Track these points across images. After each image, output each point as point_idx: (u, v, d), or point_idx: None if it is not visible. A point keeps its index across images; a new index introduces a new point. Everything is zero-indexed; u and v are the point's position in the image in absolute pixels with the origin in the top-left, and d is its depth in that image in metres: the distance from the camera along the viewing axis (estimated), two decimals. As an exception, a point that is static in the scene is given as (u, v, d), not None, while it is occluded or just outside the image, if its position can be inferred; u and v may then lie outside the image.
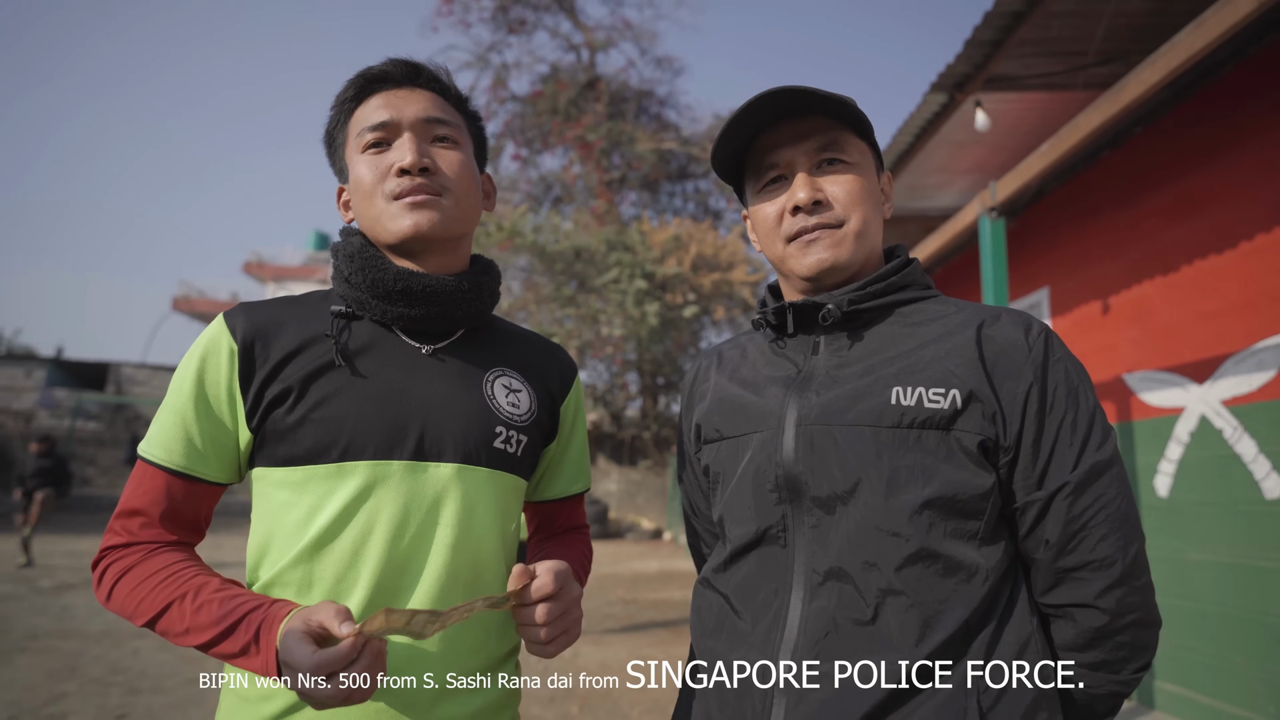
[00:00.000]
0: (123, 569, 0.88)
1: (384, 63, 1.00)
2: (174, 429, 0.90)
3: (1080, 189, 4.61)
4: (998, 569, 0.82)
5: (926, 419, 0.83)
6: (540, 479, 1.13)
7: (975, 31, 3.36)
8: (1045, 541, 0.83)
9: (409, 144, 0.95)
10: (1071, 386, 0.85)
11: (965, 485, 0.82)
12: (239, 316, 0.94)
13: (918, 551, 0.80)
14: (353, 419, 0.90)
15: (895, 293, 0.94)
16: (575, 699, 4.37)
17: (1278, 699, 3.13)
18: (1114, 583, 0.81)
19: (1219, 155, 3.59)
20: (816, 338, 0.95)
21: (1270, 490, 3.22)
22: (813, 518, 0.85)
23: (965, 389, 0.83)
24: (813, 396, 0.89)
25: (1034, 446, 0.83)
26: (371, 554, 0.88)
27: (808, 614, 0.82)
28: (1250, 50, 3.34)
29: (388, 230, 0.96)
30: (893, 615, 0.79)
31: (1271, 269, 3.27)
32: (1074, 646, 0.84)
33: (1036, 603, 0.86)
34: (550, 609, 0.85)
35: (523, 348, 1.10)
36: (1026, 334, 0.87)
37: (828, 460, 0.85)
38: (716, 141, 0.97)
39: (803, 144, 0.94)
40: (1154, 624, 0.84)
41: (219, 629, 0.81)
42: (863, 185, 0.94)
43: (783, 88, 0.90)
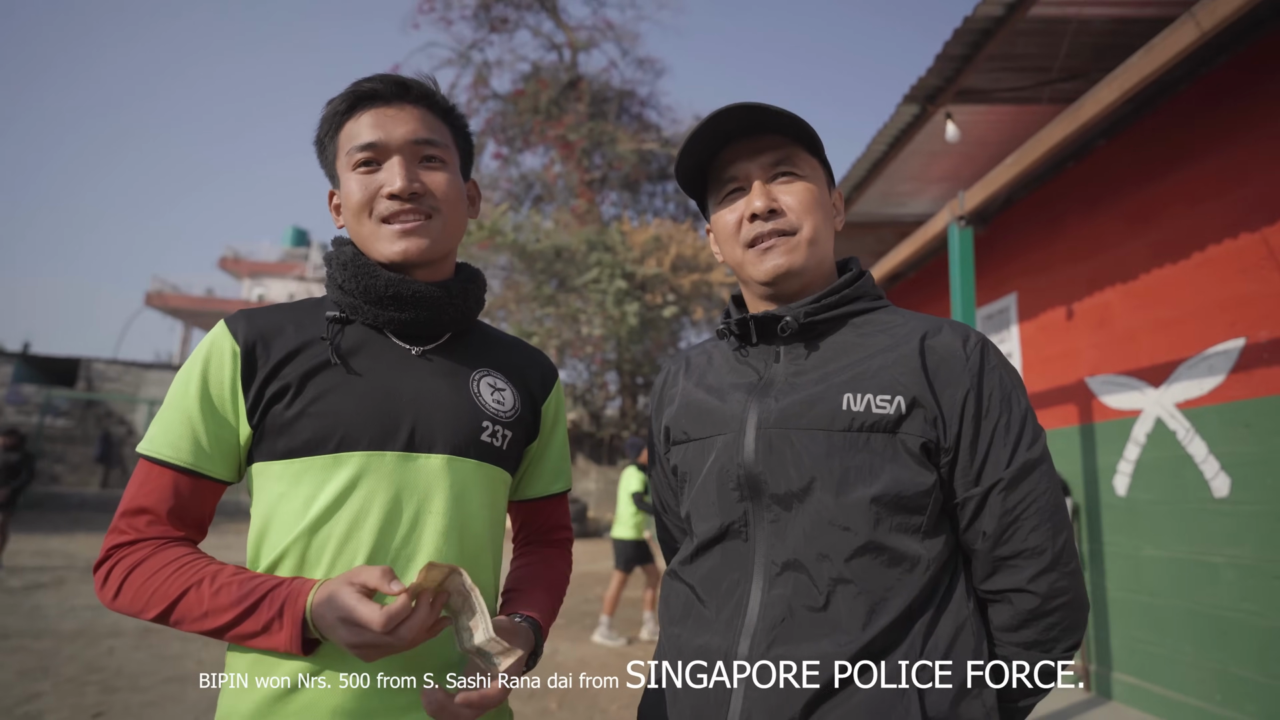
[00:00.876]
0: (132, 564, 0.90)
1: (374, 79, 1.03)
2: (180, 428, 0.94)
3: (1045, 198, 4.75)
4: (938, 560, 0.90)
5: (874, 423, 0.90)
6: (522, 477, 1.18)
7: (946, 47, 3.47)
8: (983, 533, 0.91)
9: (399, 168, 0.99)
10: (1005, 392, 0.93)
11: (909, 483, 0.89)
12: (240, 321, 0.99)
13: (866, 544, 0.88)
14: (348, 413, 0.95)
15: (848, 304, 1.02)
16: (553, 695, 4.43)
17: (1225, 687, 3.29)
18: (1045, 569, 0.89)
19: (1174, 169, 3.74)
20: (777, 347, 1.02)
21: (1219, 489, 3.37)
22: (771, 513, 0.93)
23: (909, 395, 0.91)
24: (772, 402, 0.96)
25: (971, 447, 0.91)
26: (364, 537, 0.93)
27: (766, 601, 0.90)
28: (1202, 72, 3.49)
29: (378, 251, 1.01)
30: (843, 602, 0.87)
31: (1221, 279, 3.42)
32: (1010, 627, 0.92)
33: (975, 589, 0.94)
34: (495, 695, 0.86)
35: (506, 351, 1.16)
36: (964, 344, 0.95)
37: (785, 461, 0.92)
38: (679, 156, 1.04)
39: (759, 158, 1.02)
40: (1083, 606, 0.92)
41: (240, 609, 0.85)
42: (815, 195, 1.02)
43: (742, 105, 0.97)
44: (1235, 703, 3.22)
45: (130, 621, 5.83)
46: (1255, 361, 3.22)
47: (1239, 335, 3.30)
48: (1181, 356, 3.62)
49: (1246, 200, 3.32)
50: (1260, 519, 3.18)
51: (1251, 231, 3.27)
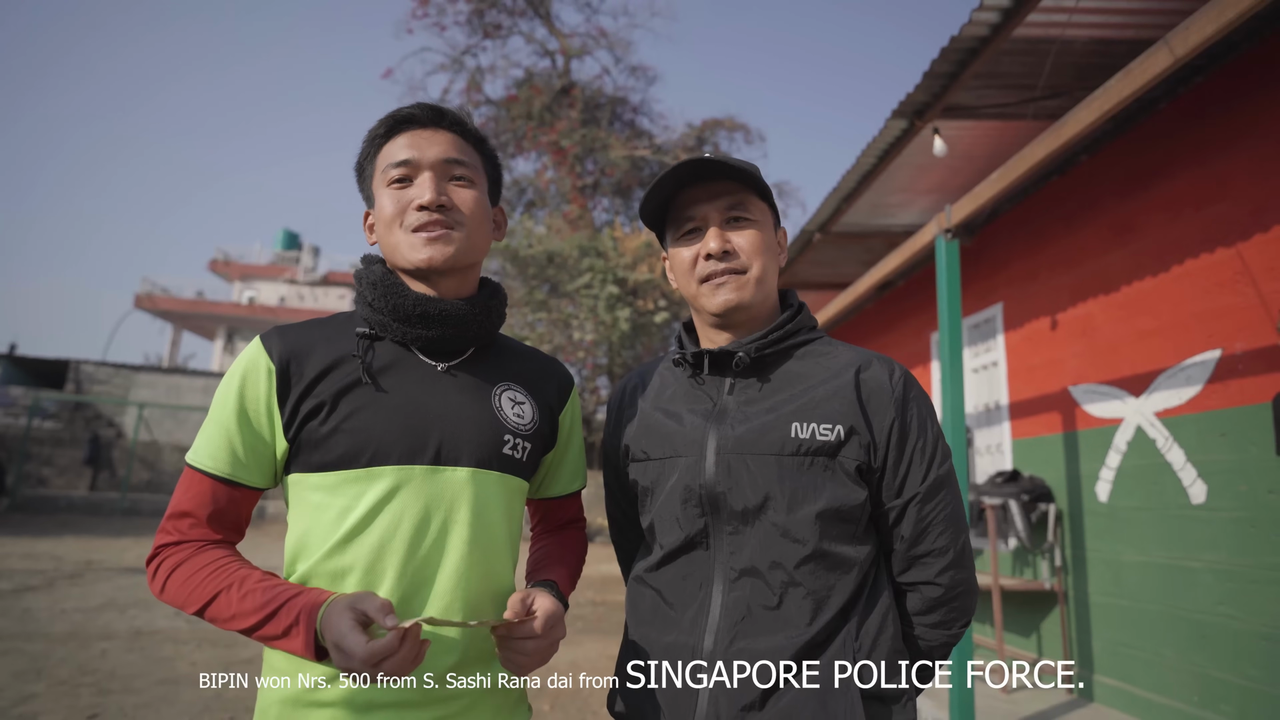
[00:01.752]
0: (175, 564, 0.99)
1: (412, 107, 1.12)
2: (219, 440, 1.02)
3: (1030, 211, 4.86)
4: (867, 560, 1.07)
5: (818, 448, 1.05)
6: (542, 480, 1.26)
7: (933, 64, 3.56)
8: (902, 536, 1.10)
9: (429, 182, 1.07)
10: (922, 419, 1.10)
11: (846, 499, 1.05)
12: (274, 340, 1.05)
13: (813, 553, 1.03)
14: (379, 429, 1.02)
15: (791, 338, 1.15)
16: (546, 697, 4.48)
17: (1203, 689, 3.37)
18: (948, 565, 1.09)
19: (1154, 184, 3.85)
20: (729, 379, 1.15)
21: (1196, 496, 3.47)
22: (730, 526, 1.07)
23: (847, 424, 1.06)
24: (728, 429, 1.09)
25: (895, 466, 1.08)
26: (397, 546, 1.00)
27: (727, 603, 1.04)
28: (1179, 91, 3.61)
29: (406, 259, 1.08)
30: (793, 602, 1.02)
31: (1199, 291, 3.52)
32: (920, 611, 1.11)
33: (894, 581, 1.12)
34: (539, 645, 0.98)
35: (525, 364, 1.22)
36: (890, 378, 1.11)
37: (741, 481, 1.06)
38: (645, 195, 1.17)
39: (715, 202, 1.14)
40: (975, 594, 1.13)
41: (263, 614, 0.92)
42: (763, 239, 1.15)
43: (701, 158, 1.11)
44: (1212, 704, 3.31)
45: (122, 624, 5.83)
46: (1230, 372, 3.32)
47: (1215, 347, 3.40)
48: (1161, 367, 3.71)
49: (1222, 216, 3.42)
50: (1235, 525, 3.26)
51: (1227, 246, 3.37)
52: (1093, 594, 4.12)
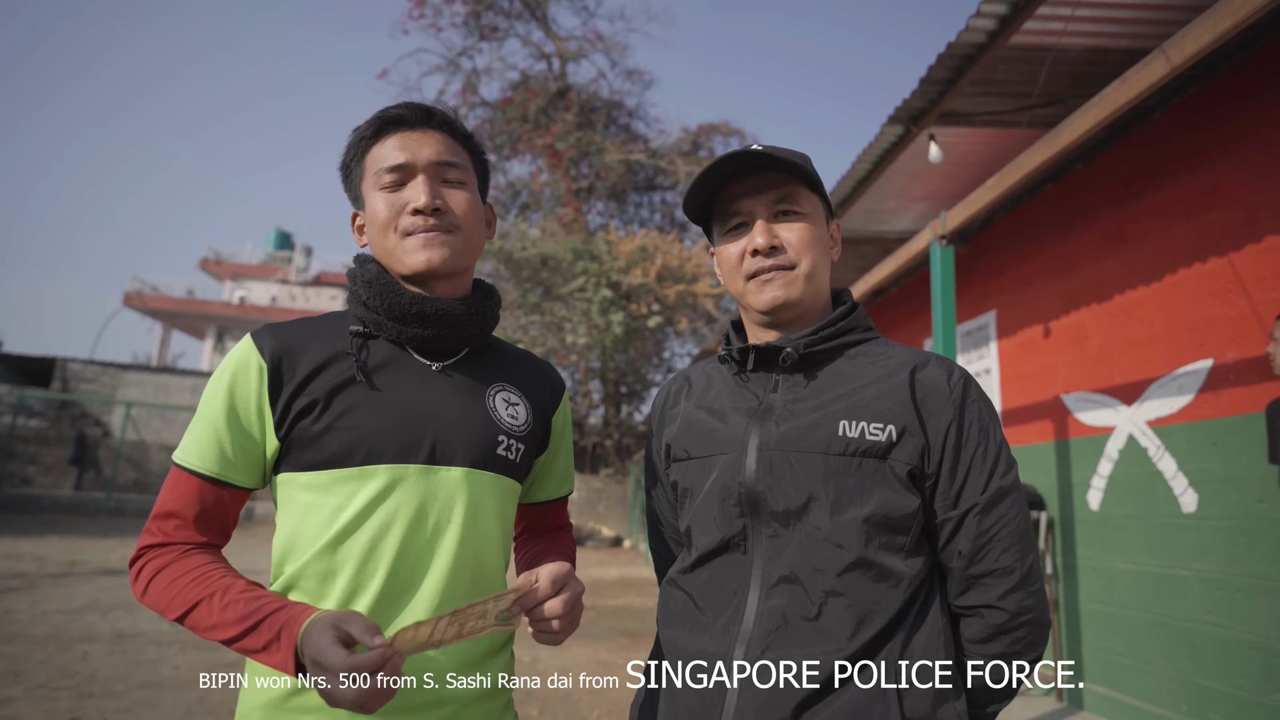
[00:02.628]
0: (158, 568, 0.96)
1: (399, 107, 1.10)
2: (207, 439, 0.99)
3: (1024, 219, 4.87)
4: (918, 577, 0.98)
5: (867, 449, 0.98)
6: (531, 484, 1.25)
7: (930, 70, 3.57)
8: (959, 552, 0.99)
9: (423, 186, 1.05)
10: (983, 424, 1.01)
11: (896, 506, 0.97)
12: (266, 337, 1.03)
13: (856, 560, 0.95)
14: (373, 427, 1.00)
15: (843, 336, 1.09)
16: (535, 701, 4.44)
17: (1191, 697, 3.37)
18: (1013, 587, 0.97)
19: (1148, 192, 3.86)
20: (776, 375, 1.09)
21: (1187, 505, 3.47)
22: (770, 529, 1.00)
23: (900, 425, 0.98)
24: (773, 426, 1.03)
25: (951, 473, 0.99)
26: (389, 545, 0.98)
27: (762, 610, 0.96)
28: (1174, 100, 3.62)
29: (402, 263, 1.06)
30: (833, 613, 0.94)
31: (1192, 301, 3.53)
32: (980, 639, 0.99)
33: (949, 604, 1.02)
34: (559, 602, 0.96)
35: (519, 365, 1.21)
36: (949, 379, 1.02)
37: (784, 481, 0.99)
38: (689, 190, 1.11)
39: (762, 195, 1.09)
40: (1045, 624, 1.00)
41: (244, 625, 0.89)
42: (813, 233, 1.09)
43: (747, 150, 1.05)
44: (1201, 712, 3.31)
45: (104, 626, 5.76)
46: (1222, 382, 3.33)
47: (1207, 356, 3.41)
48: (1153, 375, 3.72)
49: (1215, 225, 3.43)
50: (1226, 534, 3.27)
51: (1220, 255, 3.38)
52: (1083, 602, 4.12)
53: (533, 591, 0.95)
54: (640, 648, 6.05)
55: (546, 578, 0.97)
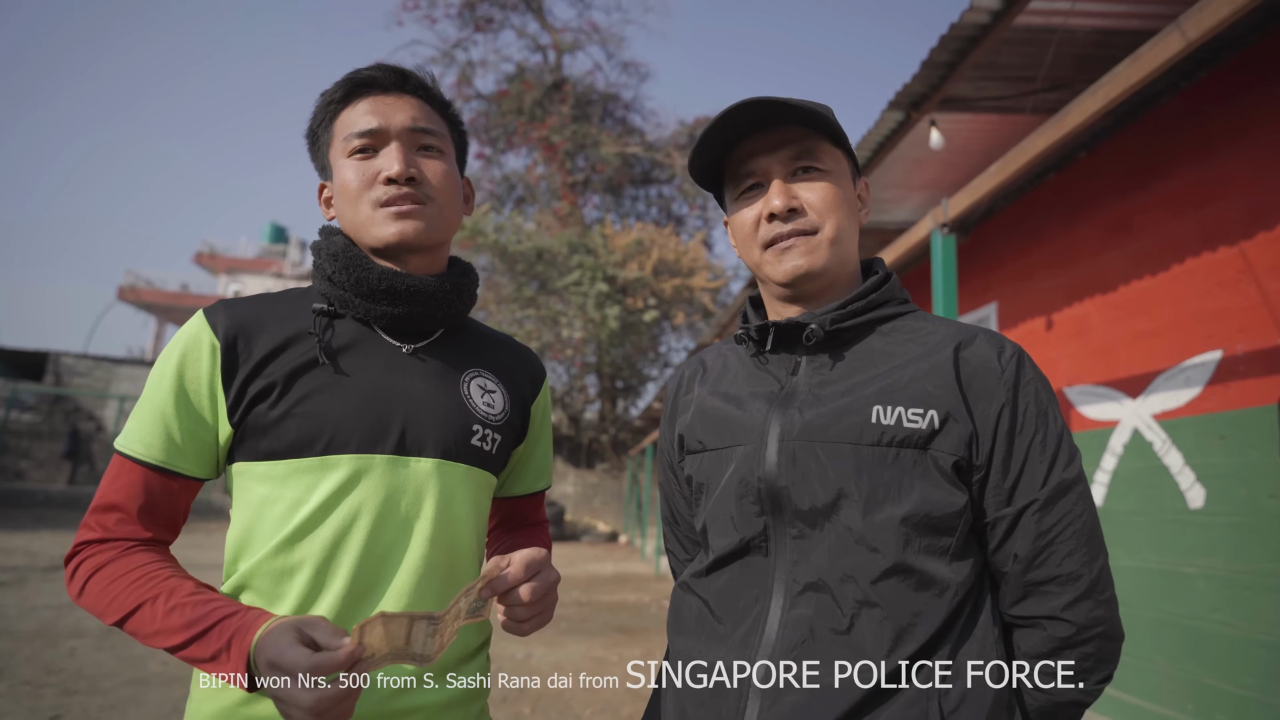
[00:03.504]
0: (96, 566, 0.88)
1: (372, 67, 1.01)
2: (153, 424, 0.91)
3: (1027, 209, 4.80)
4: (965, 584, 0.85)
5: (905, 438, 0.86)
6: (507, 476, 1.17)
7: (931, 53, 3.48)
8: (1014, 556, 0.86)
9: (396, 153, 0.98)
10: (1041, 407, 0.88)
11: (939, 503, 0.85)
12: (220, 313, 0.94)
13: (894, 566, 0.83)
14: (336, 414, 0.93)
15: (875, 309, 0.96)
16: (527, 699, 4.37)
17: (1196, 697, 3.31)
18: (1080, 596, 0.84)
19: (1154, 181, 3.79)
20: (798, 356, 0.96)
21: (1193, 500, 3.40)
22: (794, 529, 0.88)
23: (943, 410, 0.86)
24: (795, 414, 0.91)
25: (1004, 464, 0.86)
26: (353, 543, 0.90)
27: (786, 621, 0.85)
28: (1183, 85, 3.54)
29: (373, 235, 0.98)
30: (867, 626, 0.82)
31: (1199, 292, 3.46)
32: (1040, 654, 0.86)
33: (1003, 613, 0.89)
34: (532, 588, 0.90)
35: (497, 350, 1.13)
36: (1000, 355, 0.89)
37: (809, 475, 0.87)
38: (693, 150, 0.99)
39: (778, 152, 0.96)
40: (1118, 637, 0.87)
41: (190, 633, 0.82)
42: (837, 192, 0.96)
43: (757, 99, 0.92)
44: (1206, 712, 3.25)
45: (93, 622, 5.68)
46: (1231, 374, 3.26)
47: (1216, 348, 3.34)
48: (1159, 368, 3.65)
49: (1224, 213, 3.35)
50: (1233, 530, 3.20)
51: (1229, 245, 3.31)
52: (1086, 599, 4.05)
53: (503, 576, 0.88)
54: (636, 644, 5.99)
55: (519, 561, 0.90)
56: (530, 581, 0.91)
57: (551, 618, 0.97)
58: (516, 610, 0.91)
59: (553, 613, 0.97)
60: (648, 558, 13.21)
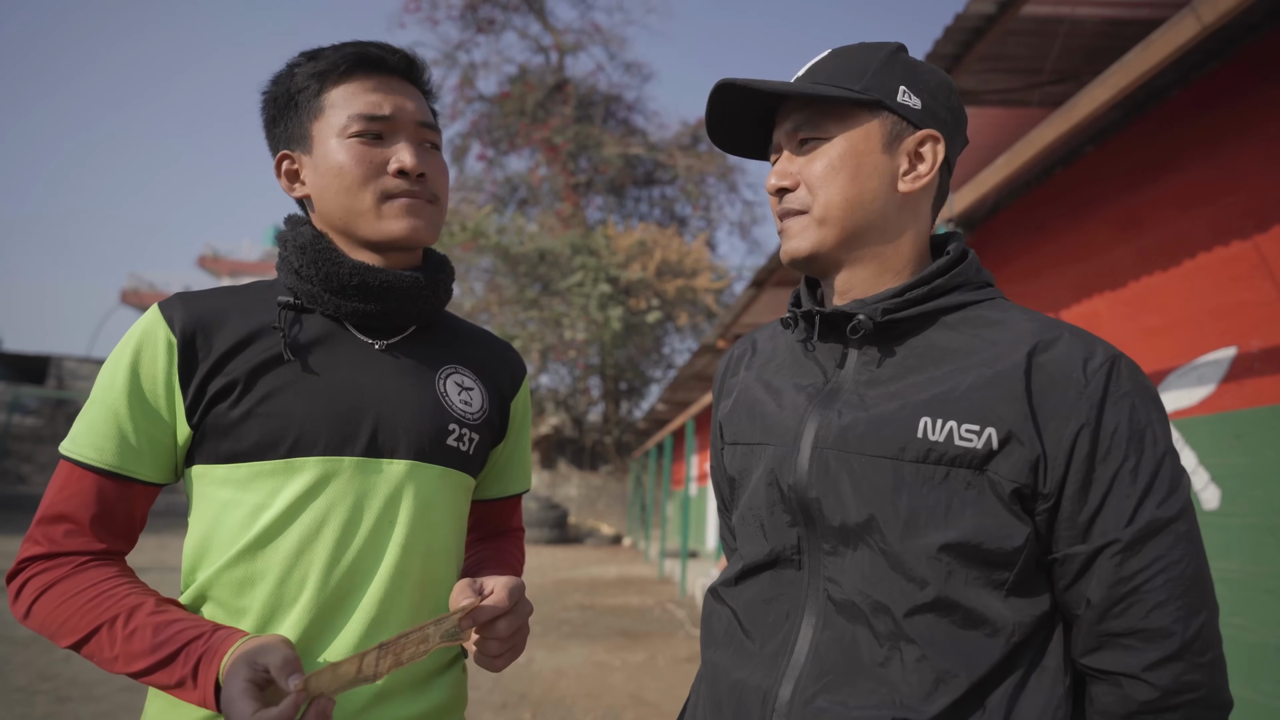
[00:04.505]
0: (45, 584, 0.82)
1: (381, 46, 0.94)
2: (105, 426, 0.85)
3: (1032, 205, 4.72)
4: (1025, 625, 0.74)
5: (956, 457, 0.75)
6: (484, 478, 1.12)
7: (936, 45, 3.42)
8: (1087, 600, 0.74)
9: (410, 147, 0.93)
10: (1137, 429, 0.74)
11: (994, 533, 0.74)
12: (176, 307, 0.89)
13: (935, 600, 0.74)
14: (302, 413, 0.87)
15: (941, 296, 0.83)
16: (528, 705, 4.31)
17: (1213, 704, 3.24)
18: (1168, 656, 0.71)
19: (1164, 174, 3.71)
20: (847, 347, 0.86)
21: (1208, 502, 3.32)
22: (829, 544, 0.80)
23: (1004, 428, 0.74)
24: (834, 416, 0.81)
25: (1080, 495, 0.74)
26: (319, 551, 0.85)
27: (818, 642, 0.78)
28: (1193, 77, 3.46)
29: (374, 228, 0.92)
30: (903, 664, 0.73)
31: (1212, 286, 3.39)
32: (1115, 715, 0.75)
33: (1074, 660, 0.78)
34: (510, 622, 0.86)
35: (474, 346, 1.08)
36: (1085, 364, 0.75)
37: (841, 488, 0.79)
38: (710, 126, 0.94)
39: (784, 124, 0.88)
40: (1219, 706, 0.75)
41: (153, 659, 0.77)
42: (833, 162, 0.83)
43: (725, 83, 0.85)
44: None
45: (88, 628, 5.64)
46: (1246, 371, 3.18)
47: (1230, 344, 3.26)
48: (1171, 366, 3.58)
49: (1238, 206, 3.28)
50: (1250, 532, 3.13)
51: (1243, 239, 3.23)
52: (1097, 602, 3.98)
53: (485, 606, 0.84)
54: (638, 648, 5.92)
55: (503, 589, 0.85)
56: (508, 615, 0.86)
57: (523, 649, 0.93)
58: (490, 644, 0.86)
59: (524, 646, 0.93)
60: (651, 561, 13.15)
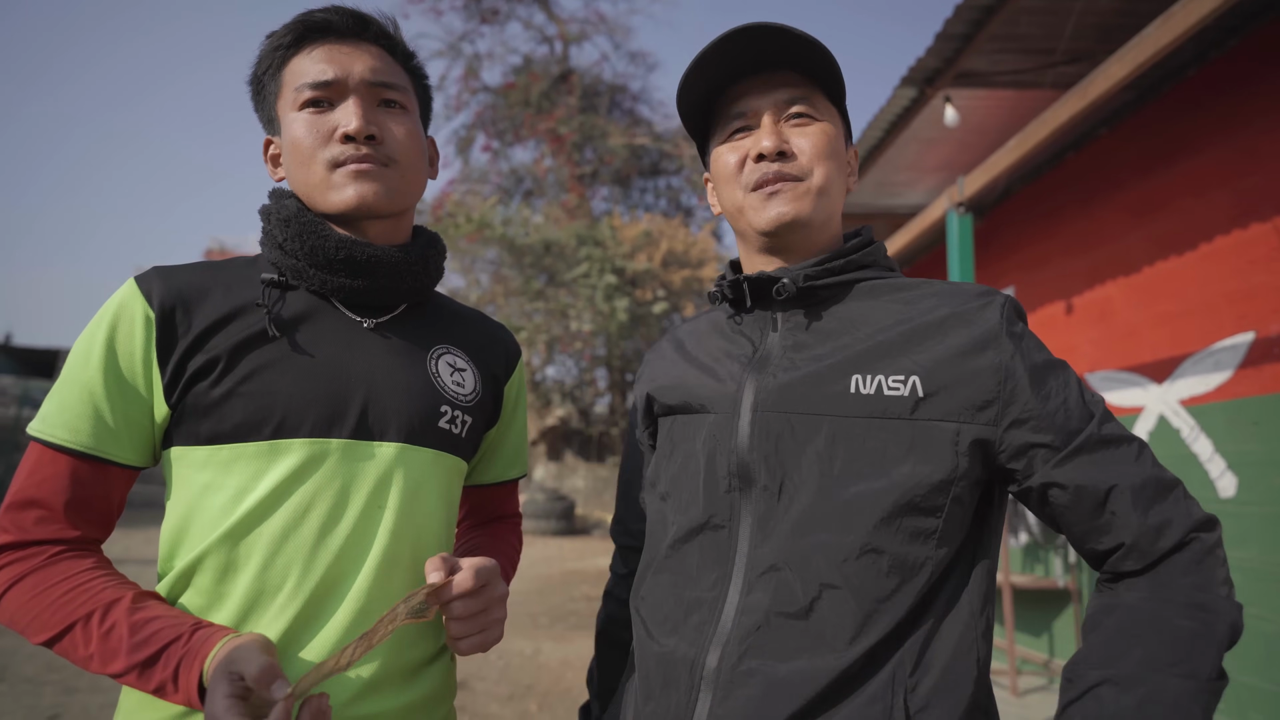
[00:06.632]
0: (15, 576, 0.78)
1: (327, 9, 0.92)
2: (79, 405, 0.81)
3: (1045, 189, 4.64)
4: (944, 568, 0.79)
5: (886, 408, 0.80)
6: (478, 463, 1.08)
7: (946, 25, 3.35)
8: (1068, 524, 0.79)
9: (355, 108, 0.89)
10: (1045, 364, 0.82)
11: (924, 478, 0.78)
12: (154, 281, 0.85)
13: (864, 545, 0.77)
14: (287, 393, 0.84)
15: (856, 270, 0.91)
16: (534, 696, 4.29)
17: (1229, 695, 3.18)
18: (1130, 506, 0.76)
19: (1179, 158, 3.63)
20: (774, 314, 0.91)
21: (1225, 489, 3.26)
22: (761, 507, 0.82)
23: (928, 375, 0.80)
24: (770, 379, 0.85)
25: (1017, 429, 0.79)
26: (305, 537, 0.82)
27: (743, 607, 0.79)
28: (1210, 55, 3.38)
29: (327, 200, 0.89)
30: (829, 610, 0.76)
31: (1229, 271, 3.31)
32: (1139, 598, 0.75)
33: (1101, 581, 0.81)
34: (467, 605, 0.83)
35: (467, 326, 1.05)
36: (992, 311, 0.83)
37: (782, 447, 0.82)
38: (681, 85, 0.93)
39: (772, 94, 0.90)
40: (1215, 545, 0.77)
41: (130, 660, 0.73)
42: (829, 141, 0.90)
43: (756, 26, 0.85)
44: (1240, 711, 3.11)
45: (97, 619, 5.66)
46: (1264, 357, 3.11)
47: (1247, 329, 3.19)
48: (1186, 352, 3.51)
49: (1255, 189, 3.20)
50: (1267, 520, 3.07)
51: (1261, 221, 3.15)
52: (1109, 592, 3.93)
53: (449, 585, 0.81)
54: (645, 639, 5.89)
55: (469, 569, 0.82)
56: (467, 597, 0.83)
57: (499, 637, 0.89)
58: (451, 625, 0.83)
59: (500, 631, 0.89)
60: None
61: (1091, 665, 0.74)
